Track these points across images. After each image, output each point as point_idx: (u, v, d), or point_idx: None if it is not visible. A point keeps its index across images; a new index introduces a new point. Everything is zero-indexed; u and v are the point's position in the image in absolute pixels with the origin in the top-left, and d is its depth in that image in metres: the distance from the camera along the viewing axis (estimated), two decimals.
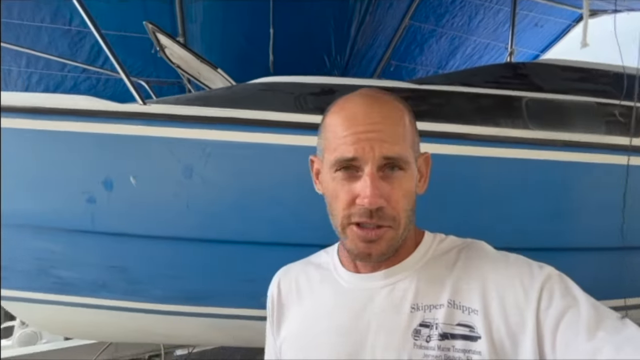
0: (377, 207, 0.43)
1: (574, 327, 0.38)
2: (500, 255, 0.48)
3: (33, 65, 2.47)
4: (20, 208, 1.25)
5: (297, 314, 0.54)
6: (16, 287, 1.40)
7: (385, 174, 0.44)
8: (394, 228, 0.46)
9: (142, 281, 1.29)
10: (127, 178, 1.16)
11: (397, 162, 0.44)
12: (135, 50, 2.32)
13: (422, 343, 0.44)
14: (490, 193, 1.23)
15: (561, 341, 0.38)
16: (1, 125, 1.17)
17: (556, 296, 0.41)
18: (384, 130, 0.44)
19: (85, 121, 1.14)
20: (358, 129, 0.44)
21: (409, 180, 0.46)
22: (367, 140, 0.43)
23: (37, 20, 2.19)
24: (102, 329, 1.44)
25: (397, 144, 0.44)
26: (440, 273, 0.48)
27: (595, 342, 0.36)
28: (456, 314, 0.44)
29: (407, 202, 0.46)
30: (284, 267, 0.61)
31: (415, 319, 0.45)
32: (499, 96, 1.35)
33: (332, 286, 0.53)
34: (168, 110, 1.16)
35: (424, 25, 2.80)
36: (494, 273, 0.45)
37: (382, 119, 0.45)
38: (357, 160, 0.44)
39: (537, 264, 0.45)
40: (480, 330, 0.42)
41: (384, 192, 0.44)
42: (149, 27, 1.60)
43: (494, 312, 0.42)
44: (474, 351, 0.41)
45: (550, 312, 0.39)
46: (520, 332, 0.40)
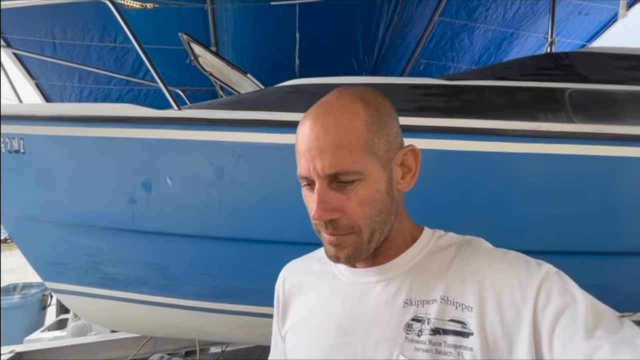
0: (329, 219, 0.45)
1: (572, 326, 0.37)
2: (498, 252, 0.48)
3: (84, 80, 2.72)
4: (71, 209, 1.36)
5: (300, 306, 0.56)
6: (70, 281, 1.53)
7: (339, 186, 0.45)
8: (356, 233, 0.46)
9: (178, 278, 1.36)
10: (164, 180, 1.23)
11: (342, 177, 0.44)
12: (171, 61, 2.48)
13: (413, 337, 0.44)
14: (530, 192, 1.15)
15: (558, 340, 0.37)
16: (55, 134, 1.30)
17: (554, 294, 0.40)
18: (324, 147, 0.44)
19: (127, 127, 1.23)
20: (305, 147, 0.45)
21: (366, 187, 0.45)
22: (311, 160, 0.44)
23: (87, 40, 2.41)
24: (142, 323, 1.52)
25: (339, 159, 0.43)
26: (435, 269, 0.48)
27: (593, 341, 0.35)
28: (449, 310, 0.43)
29: (367, 209, 0.45)
30: (288, 263, 0.64)
31: (407, 313, 0.45)
32: (537, 89, 1.26)
33: (331, 280, 0.54)
34: (200, 115, 1.21)
35: (454, 21, 2.70)
36: (490, 270, 0.44)
37: (323, 135, 0.44)
38: (308, 178, 0.45)
39: (535, 262, 0.44)
40: (473, 326, 0.41)
41: (335, 204, 0.44)
42: (184, 37, 1.69)
43: (490, 310, 0.42)
44: (465, 347, 0.41)
45: (548, 311, 0.39)
46: (515, 331, 0.39)
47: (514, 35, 2.93)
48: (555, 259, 1.10)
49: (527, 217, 1.15)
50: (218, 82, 2.12)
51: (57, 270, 1.53)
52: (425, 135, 1.14)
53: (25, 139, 1.35)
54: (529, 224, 1.15)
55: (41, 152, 1.35)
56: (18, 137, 1.35)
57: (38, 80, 2.75)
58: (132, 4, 1.24)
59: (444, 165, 1.15)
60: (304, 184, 0.48)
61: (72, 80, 2.65)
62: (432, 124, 1.15)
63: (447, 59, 3.16)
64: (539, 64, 1.35)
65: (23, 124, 1.35)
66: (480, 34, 2.89)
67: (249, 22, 2.38)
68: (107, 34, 2.36)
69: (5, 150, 1.38)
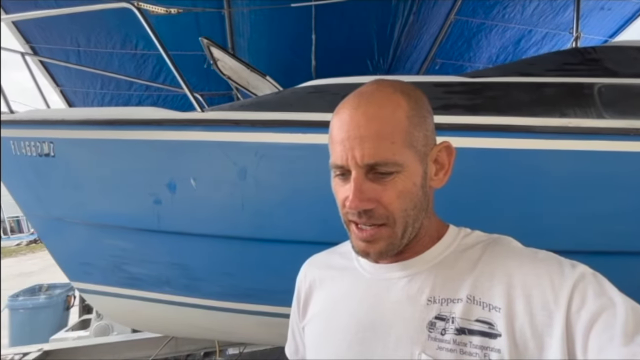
0: (364, 209, 0.44)
1: (609, 330, 0.35)
2: (528, 251, 0.46)
3: (106, 87, 2.81)
4: (98, 210, 1.40)
5: (320, 300, 0.56)
6: (96, 281, 1.57)
7: (376, 176, 0.44)
8: (390, 226, 0.45)
9: (201, 278, 1.37)
10: (188, 180, 1.25)
11: (383, 167, 0.43)
12: (190, 67, 2.53)
13: (436, 336, 0.43)
14: (559, 190, 1.12)
15: (594, 345, 0.35)
16: (83, 137, 1.34)
17: (589, 297, 0.38)
18: (366, 136, 0.43)
19: (151, 129, 1.26)
20: (343, 135, 0.44)
21: (404, 180, 0.44)
22: (350, 149, 0.43)
23: (109, 47, 2.49)
24: (164, 322, 1.54)
25: (380, 149, 0.43)
26: (461, 267, 0.46)
27: (633, 347, 0.33)
28: (475, 310, 0.42)
29: (403, 201, 0.45)
30: (310, 257, 0.64)
31: (431, 311, 0.44)
32: (564, 84, 1.23)
33: (352, 275, 0.53)
34: (223, 116, 1.23)
35: (471, 20, 2.67)
36: (520, 270, 0.43)
37: (365, 123, 0.43)
38: (345, 167, 0.45)
39: (569, 262, 0.42)
40: (500, 327, 0.40)
41: (372, 194, 0.44)
42: (204, 42, 1.72)
43: (519, 311, 0.40)
44: (492, 348, 0.40)
45: (583, 314, 0.37)
46: (547, 334, 0.38)
47: (532, 32, 2.88)
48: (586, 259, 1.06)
49: (557, 216, 1.11)
50: (236, 85, 2.15)
51: (84, 270, 1.57)
52: (449, 133, 1.12)
53: (55, 142, 1.39)
54: (558, 224, 1.11)
55: (70, 155, 1.39)
56: (48, 141, 1.40)
57: (63, 87, 2.85)
58: (157, 10, 1.28)
59: (469, 164, 1.13)
60: (336, 174, 0.47)
61: (95, 86, 2.75)
62: (456, 122, 1.14)
63: (463, 59, 3.12)
64: (565, 59, 1.32)
65: (53, 128, 1.39)
66: (497, 33, 2.85)
67: (265, 25, 2.41)
68: (129, 41, 2.43)
69: (35, 153, 1.43)
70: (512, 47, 3.01)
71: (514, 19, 2.70)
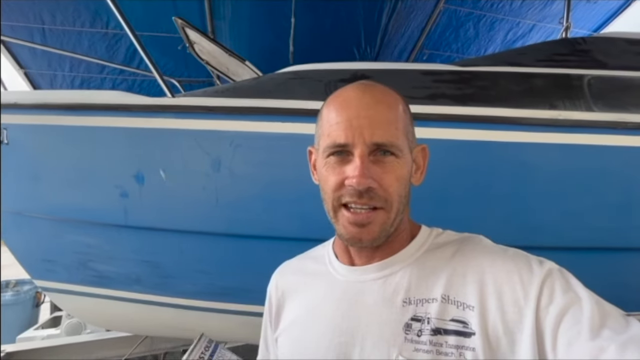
0: (367, 187, 0.44)
1: (577, 325, 0.36)
2: (498, 249, 0.47)
3: (75, 69, 2.61)
4: (59, 203, 1.29)
5: (294, 308, 0.55)
6: (60, 279, 1.46)
7: (377, 158, 0.45)
8: (386, 210, 0.45)
9: (173, 276, 1.29)
10: (157, 172, 1.15)
11: (388, 148, 0.45)
12: (167, 50, 2.37)
13: (413, 337, 0.43)
14: (547, 184, 1.09)
15: (563, 340, 0.36)
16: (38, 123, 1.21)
17: (557, 293, 0.39)
18: (375, 117, 0.44)
19: (117, 115, 1.15)
20: (350, 114, 0.45)
21: (402, 166, 0.46)
22: (358, 127, 0.44)
23: (77, 25, 2.30)
24: (136, 322, 1.46)
25: (388, 131, 0.44)
26: (435, 267, 0.47)
27: (600, 341, 0.34)
28: (450, 309, 0.43)
29: (399, 186, 0.46)
30: (281, 265, 0.63)
31: (407, 312, 0.45)
32: (554, 75, 1.19)
33: (326, 279, 0.53)
34: (195, 102, 1.13)
35: (460, 9, 2.61)
36: (491, 268, 0.43)
37: (374, 105, 0.45)
38: (348, 146, 0.44)
39: (536, 259, 0.44)
40: (474, 326, 0.41)
41: (374, 174, 0.44)
42: (179, 22, 1.60)
43: (491, 309, 0.41)
44: (467, 347, 0.40)
45: (551, 310, 0.38)
46: (517, 331, 0.39)
47: (520, 24, 2.84)
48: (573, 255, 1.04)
49: (545, 211, 1.08)
50: (214, 71, 2.03)
51: (47, 267, 1.45)
52: (437, 124, 1.07)
53: (8, 128, 1.26)
54: (546, 219, 1.08)
55: (26, 142, 1.26)
56: (1, 127, 1.27)
57: (27, 69, 2.64)
58: None
59: (456, 156, 1.08)
60: (332, 152, 0.46)
61: (63, 69, 2.54)
62: (444, 112, 1.08)
63: (451, 50, 3.07)
64: (555, 50, 1.28)
65: (5, 112, 1.26)
66: (486, 24, 2.80)
67: (246, 9, 2.27)
68: (99, 19, 2.25)
69: None
70: (500, 39, 2.98)
71: (503, 10, 2.66)
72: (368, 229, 0.45)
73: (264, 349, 0.62)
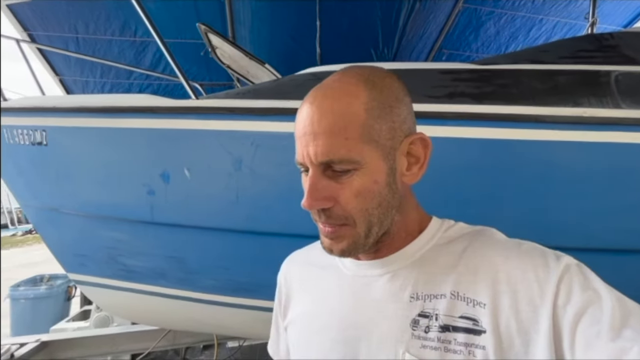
0: (320, 208, 0.43)
1: (596, 325, 0.34)
2: (512, 244, 0.44)
3: (106, 75, 2.76)
4: (91, 200, 1.37)
5: (302, 299, 0.55)
6: (91, 273, 1.55)
7: (334, 174, 0.42)
8: (351, 225, 0.43)
9: (196, 271, 1.34)
10: (182, 171, 1.20)
11: (337, 166, 0.41)
12: (189, 56, 2.47)
13: (420, 334, 0.42)
14: (572, 184, 1.06)
15: (581, 340, 0.34)
16: (76, 125, 1.30)
17: (575, 291, 0.37)
18: (319, 132, 0.41)
19: (144, 117, 1.21)
20: (300, 132, 0.43)
21: (363, 178, 0.42)
22: (305, 145, 0.42)
23: (108, 34, 2.44)
24: (160, 315, 1.52)
25: (335, 146, 0.41)
26: (444, 262, 0.45)
27: (621, 342, 0.32)
28: (459, 306, 0.41)
29: (363, 200, 0.42)
30: (290, 255, 0.62)
31: (414, 308, 0.43)
32: (579, 72, 1.16)
33: (334, 272, 0.52)
34: (217, 104, 1.18)
35: (480, 8, 2.57)
36: (505, 264, 0.41)
37: (319, 118, 0.41)
38: (304, 164, 0.44)
39: (553, 253, 0.41)
40: (485, 324, 0.39)
41: (328, 193, 0.42)
42: (202, 28, 1.66)
43: (504, 307, 0.39)
44: (477, 345, 0.39)
45: (569, 309, 0.36)
46: (533, 330, 0.37)
47: (543, 21, 2.76)
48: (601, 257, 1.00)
49: (570, 212, 1.05)
50: (235, 74, 2.09)
51: (79, 262, 1.54)
52: (456, 123, 1.07)
53: (47, 130, 1.36)
54: (571, 220, 1.05)
55: (62, 143, 1.35)
56: (41, 129, 1.36)
57: (62, 76, 2.81)
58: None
59: (476, 155, 1.07)
60: (301, 170, 0.46)
61: (95, 75, 2.70)
62: (463, 111, 1.07)
63: (471, 50, 3.02)
64: (580, 46, 1.24)
65: (45, 115, 1.36)
66: (507, 22, 2.74)
67: (267, 13, 2.34)
68: (128, 28, 2.38)
69: (28, 142, 1.39)
70: (522, 37, 2.90)
71: (525, 7, 2.59)
72: (337, 242, 0.44)
73: (274, 334, 0.63)
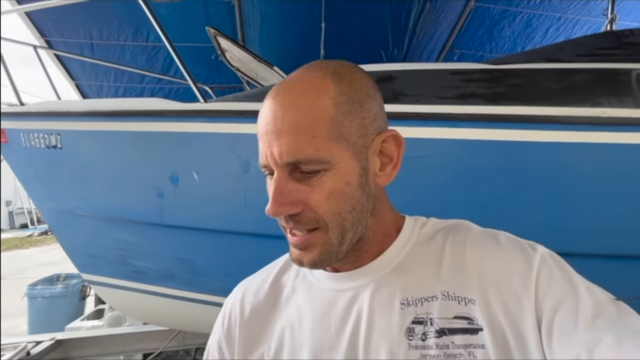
0: (288, 214, 0.39)
1: (572, 315, 0.35)
2: (490, 236, 0.43)
3: (119, 79, 2.83)
4: (104, 202, 1.39)
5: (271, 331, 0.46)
6: (103, 273, 1.58)
7: (302, 176, 0.38)
8: (323, 230, 0.39)
9: (204, 274, 1.35)
10: (190, 173, 1.21)
11: (304, 166, 0.38)
12: (200, 59, 2.50)
13: (417, 342, 0.39)
14: (591, 187, 1.02)
15: (558, 330, 0.35)
16: (88, 129, 1.33)
17: (552, 281, 0.38)
18: (283, 131, 0.37)
19: (154, 121, 1.23)
20: (262, 130, 0.39)
21: (333, 178, 0.38)
22: (269, 146, 0.38)
23: (121, 39, 2.49)
24: (169, 316, 1.53)
25: (301, 144, 0.37)
26: (428, 261, 0.42)
27: (595, 332, 0.33)
28: (452, 306, 0.39)
29: (335, 203, 0.39)
30: (246, 281, 0.54)
31: (407, 315, 0.40)
32: (597, 70, 1.11)
33: (310, 293, 0.46)
34: (225, 107, 1.18)
35: (493, 6, 2.51)
36: (488, 258, 0.41)
37: (283, 115, 0.38)
38: (268, 166, 0.39)
39: (528, 245, 0.42)
40: (480, 321, 0.38)
41: (297, 196, 0.38)
42: (211, 31, 1.68)
43: (493, 301, 0.38)
44: (476, 345, 0.37)
45: (548, 300, 0.37)
46: (521, 322, 0.37)
47: (561, 20, 2.68)
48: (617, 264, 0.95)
49: (588, 216, 1.01)
50: (245, 77, 2.10)
51: (92, 262, 1.57)
52: (467, 125, 1.04)
53: (62, 134, 1.39)
54: (589, 225, 1.01)
55: (76, 147, 1.38)
56: (55, 133, 1.40)
57: (78, 81, 2.89)
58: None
59: (489, 157, 1.04)
60: (266, 174, 0.41)
61: (109, 79, 2.77)
62: (475, 112, 1.05)
63: (484, 50, 2.95)
64: (598, 43, 1.20)
65: (59, 120, 1.39)
66: (522, 21, 2.67)
67: (275, 15, 2.35)
68: (140, 33, 2.43)
69: (44, 145, 1.43)
70: (539, 37, 2.82)
71: (541, 5, 2.52)
72: (307, 252, 0.40)
73: None
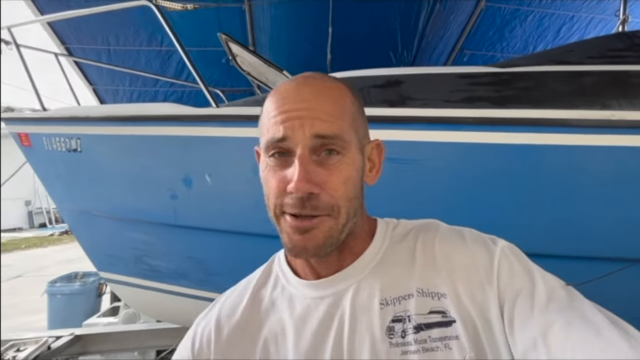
0: (309, 193, 0.38)
1: (529, 302, 0.38)
2: (456, 234, 0.46)
3: (134, 84, 2.91)
4: (120, 203, 1.45)
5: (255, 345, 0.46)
6: (120, 272, 1.64)
7: (321, 159, 0.40)
8: (333, 217, 0.40)
9: (216, 273, 1.38)
10: (203, 176, 1.25)
11: (332, 142, 0.40)
12: (211, 63, 2.56)
13: (397, 340, 0.40)
14: (601, 190, 1.01)
15: (517, 317, 0.38)
16: (106, 133, 1.38)
17: (512, 271, 0.41)
18: (316, 107, 0.40)
19: (168, 125, 1.27)
20: (288, 107, 0.40)
21: (348, 165, 0.41)
22: (297, 118, 0.39)
23: (136, 45, 2.57)
24: (182, 314, 1.58)
25: (330, 122, 0.40)
26: (402, 261, 0.45)
27: (547, 316, 0.36)
28: (427, 302, 0.41)
29: (348, 189, 0.41)
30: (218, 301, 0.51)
31: (386, 315, 0.42)
32: (608, 73, 1.10)
33: (290, 304, 0.46)
34: (237, 112, 1.22)
35: (504, 6, 2.49)
36: (456, 254, 0.43)
37: (315, 96, 0.41)
38: (288, 141, 0.39)
39: (489, 239, 0.45)
40: (453, 313, 0.40)
41: (317, 178, 0.39)
42: (223, 37, 1.72)
43: (462, 293, 0.41)
44: (450, 337, 0.39)
45: (509, 289, 0.39)
46: (487, 311, 0.39)
47: (574, 19, 2.64)
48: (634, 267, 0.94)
49: (598, 220, 1.00)
50: (255, 81, 2.14)
51: (109, 261, 1.64)
52: (474, 128, 1.05)
53: (81, 138, 1.45)
54: (599, 228, 1.00)
55: (94, 150, 1.44)
56: (75, 137, 1.46)
57: (95, 86, 2.99)
58: (174, 6, 1.28)
59: (498, 161, 1.05)
60: (273, 152, 0.40)
61: (124, 84, 2.86)
62: (482, 115, 1.05)
63: (495, 50, 2.92)
64: (609, 45, 1.19)
65: (79, 124, 1.45)
66: (534, 20, 2.63)
67: (284, 20, 2.38)
68: (154, 39, 2.50)
69: (64, 149, 1.50)
70: (551, 36, 2.78)
71: (554, 4, 2.48)
72: (312, 235, 0.39)
73: None
